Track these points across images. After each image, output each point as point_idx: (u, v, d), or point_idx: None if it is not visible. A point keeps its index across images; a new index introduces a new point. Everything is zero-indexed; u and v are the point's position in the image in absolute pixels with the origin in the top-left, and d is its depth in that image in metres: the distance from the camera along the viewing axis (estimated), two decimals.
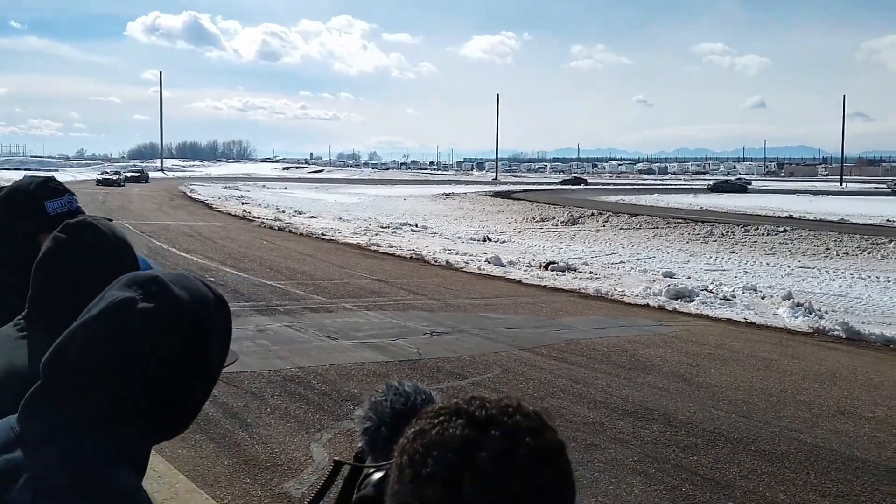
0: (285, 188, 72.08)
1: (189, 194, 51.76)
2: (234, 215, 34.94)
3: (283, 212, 37.45)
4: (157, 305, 1.28)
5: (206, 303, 1.36)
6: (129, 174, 74.63)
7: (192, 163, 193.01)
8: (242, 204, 42.47)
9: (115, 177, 68.01)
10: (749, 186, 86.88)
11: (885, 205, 54.10)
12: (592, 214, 40.24)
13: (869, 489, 6.08)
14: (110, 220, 2.05)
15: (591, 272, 19.66)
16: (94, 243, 1.91)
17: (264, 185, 75.84)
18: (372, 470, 1.51)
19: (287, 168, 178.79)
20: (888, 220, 39.63)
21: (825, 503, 5.80)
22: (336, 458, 1.53)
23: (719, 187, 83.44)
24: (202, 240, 23.36)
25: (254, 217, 33.36)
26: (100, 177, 68.70)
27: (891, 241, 27.18)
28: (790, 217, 41.39)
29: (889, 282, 20.64)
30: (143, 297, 1.28)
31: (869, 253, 26.30)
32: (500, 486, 0.85)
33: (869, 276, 21.53)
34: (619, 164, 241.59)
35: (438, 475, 0.87)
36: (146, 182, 71.94)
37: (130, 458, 1.30)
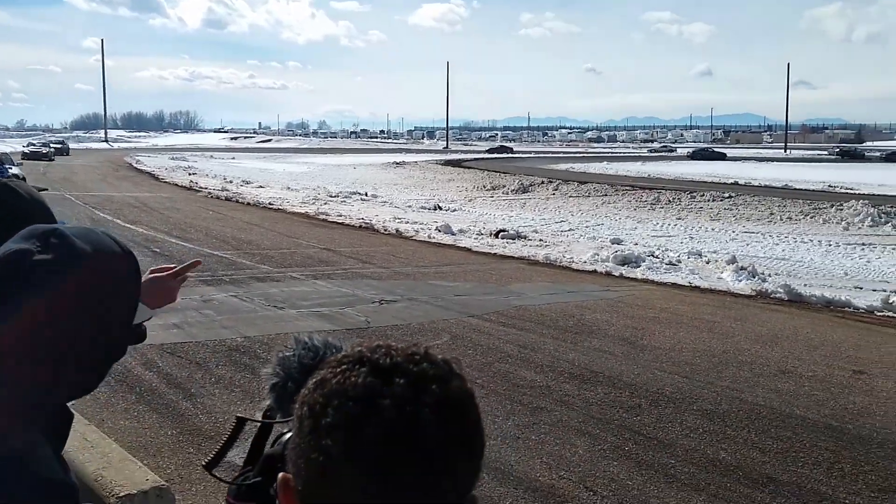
0: (233, 158, 71.15)
1: (135, 165, 50.77)
2: (181, 186, 34.37)
3: (231, 182, 36.95)
4: (55, 258, 1.21)
5: (111, 257, 1.29)
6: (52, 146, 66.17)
7: (137, 133, 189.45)
8: (189, 174, 41.81)
9: (44, 150, 59.79)
10: (727, 155, 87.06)
11: (827, 171, 55.22)
12: (542, 183, 40.41)
13: (808, 446, 6.21)
14: (45, 190, 1.97)
15: (540, 240, 19.77)
16: (8, 205, 1.82)
17: (212, 156, 74.65)
18: (286, 429, 1.46)
19: (235, 138, 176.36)
20: (830, 186, 40.49)
21: (765, 460, 5.92)
22: (239, 415, 1.48)
23: (699, 155, 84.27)
24: (148, 211, 22.94)
25: (201, 187, 32.85)
26: (26, 149, 59.22)
27: (832, 206, 27.78)
28: (735, 183, 42.05)
29: (830, 245, 21.13)
30: (40, 250, 1.21)
31: (811, 217, 26.87)
32: (404, 435, 0.81)
33: (811, 241, 22.01)
34: (569, 133, 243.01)
35: (339, 425, 0.82)
36: (67, 154, 67.47)
37: (37, 417, 1.23)
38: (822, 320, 10.99)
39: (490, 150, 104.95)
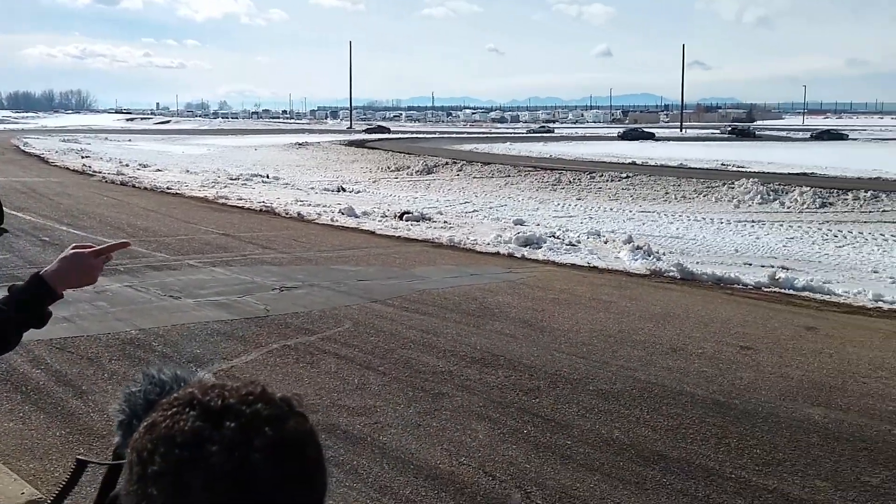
0: (129, 140, 68.92)
1: (23, 148, 48.42)
2: (73, 170, 32.99)
3: (127, 165, 35.76)
4: None
5: None
6: None
7: (25, 114, 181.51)
8: (82, 158, 40.22)
9: None
10: (656, 135, 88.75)
11: (720, 149, 57.20)
12: (447, 163, 40.54)
13: (697, 422, 6.45)
14: None
15: (445, 221, 19.84)
16: None
17: (107, 138, 72.01)
18: None
19: (131, 119, 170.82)
20: (723, 164, 41.94)
21: (656, 437, 6.12)
22: (79, 457, 1.43)
23: (629, 135, 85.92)
24: (37, 197, 21.95)
25: (95, 171, 31.61)
26: None
27: (724, 185, 28.80)
28: (633, 163, 43.07)
29: (722, 223, 21.94)
30: None
31: (704, 196, 27.81)
32: (233, 482, 0.78)
33: (704, 219, 22.80)
34: (473, 113, 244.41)
35: (165, 472, 0.79)
36: None
37: None
38: (712, 297, 11.40)
39: (367, 130, 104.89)
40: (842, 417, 6.60)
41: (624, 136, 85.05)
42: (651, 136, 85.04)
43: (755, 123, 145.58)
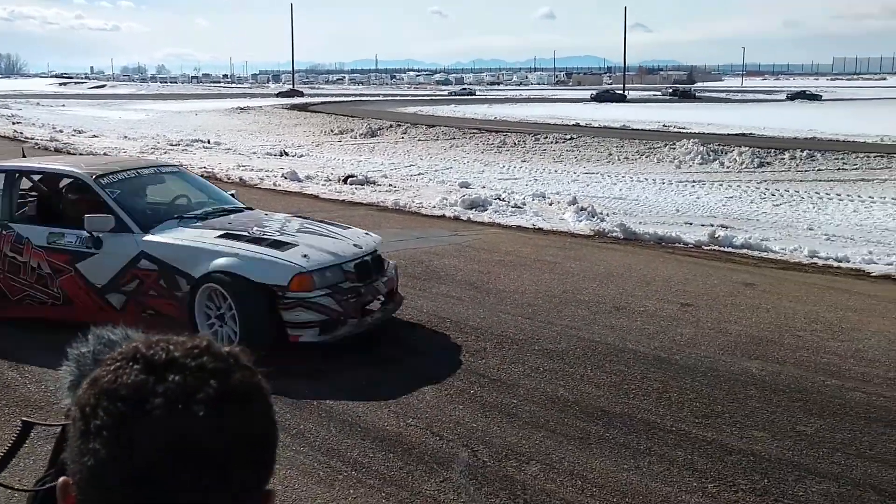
0: (63, 105, 67.00)
1: None
2: (4, 136, 32.01)
3: (61, 131, 34.83)
4: None
5: None
6: None
7: None
8: (13, 123, 39.10)
9: None
10: (627, 96, 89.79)
11: (662, 111, 57.82)
12: (391, 126, 40.26)
13: (639, 378, 6.57)
14: None
15: (390, 185, 19.76)
16: None
17: (38, 103, 69.89)
18: None
19: (65, 83, 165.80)
20: (664, 126, 42.44)
21: (600, 394, 6.22)
22: (24, 418, 1.40)
23: (602, 97, 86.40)
24: None
25: (27, 138, 30.70)
26: None
27: (666, 146, 29.14)
28: (577, 125, 43.32)
29: (664, 184, 22.23)
30: None
31: (647, 157, 28.11)
32: (176, 435, 0.77)
33: (646, 179, 23.09)
34: (417, 76, 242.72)
35: (107, 426, 0.78)
36: None
37: None
38: (654, 256, 11.57)
39: (280, 94, 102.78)
40: (778, 370, 6.79)
41: (597, 98, 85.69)
42: (623, 98, 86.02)
43: (696, 85, 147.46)
